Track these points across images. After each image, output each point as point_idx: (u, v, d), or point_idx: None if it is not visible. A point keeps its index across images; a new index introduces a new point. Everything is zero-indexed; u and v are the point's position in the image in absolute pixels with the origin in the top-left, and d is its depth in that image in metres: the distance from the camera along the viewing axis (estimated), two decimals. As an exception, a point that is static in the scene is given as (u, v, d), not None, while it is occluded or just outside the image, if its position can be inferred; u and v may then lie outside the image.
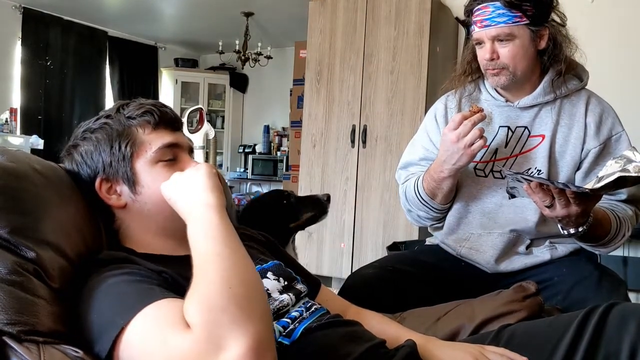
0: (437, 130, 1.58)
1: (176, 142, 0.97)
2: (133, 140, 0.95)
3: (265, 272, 0.99)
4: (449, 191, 1.48)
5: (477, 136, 1.35)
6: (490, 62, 1.43)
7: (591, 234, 1.33)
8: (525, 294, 1.20)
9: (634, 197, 1.46)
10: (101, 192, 0.96)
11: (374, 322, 1.07)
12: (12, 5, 5.54)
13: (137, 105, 0.98)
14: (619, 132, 1.46)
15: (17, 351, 0.74)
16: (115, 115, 0.97)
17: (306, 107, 3.61)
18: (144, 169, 0.94)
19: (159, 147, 0.95)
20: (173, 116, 1.00)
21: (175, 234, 0.97)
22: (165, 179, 0.93)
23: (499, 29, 1.38)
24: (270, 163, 6.72)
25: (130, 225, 0.97)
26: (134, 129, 0.95)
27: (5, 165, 0.86)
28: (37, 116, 5.67)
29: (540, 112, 1.49)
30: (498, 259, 1.49)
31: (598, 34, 2.94)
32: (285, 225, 1.69)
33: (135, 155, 0.94)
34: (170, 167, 0.95)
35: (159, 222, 0.96)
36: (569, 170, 1.46)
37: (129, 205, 0.96)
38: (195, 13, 5.71)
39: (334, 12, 3.50)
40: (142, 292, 0.76)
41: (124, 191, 0.95)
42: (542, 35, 1.42)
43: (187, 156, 0.99)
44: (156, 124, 0.96)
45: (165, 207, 0.93)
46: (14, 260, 0.80)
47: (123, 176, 0.94)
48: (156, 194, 0.93)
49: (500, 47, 1.41)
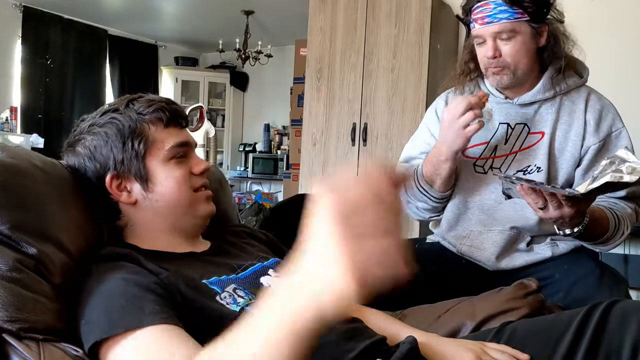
0: (438, 124, 1.57)
1: (186, 141, 0.99)
2: (146, 138, 0.95)
3: (267, 270, 0.99)
4: (448, 177, 1.46)
5: (471, 119, 1.34)
6: (492, 60, 1.41)
7: (588, 233, 1.32)
8: (526, 291, 1.20)
9: (633, 194, 1.46)
10: (111, 189, 0.95)
11: (375, 319, 1.07)
12: (13, 4, 5.54)
13: (148, 101, 0.97)
14: (619, 129, 1.46)
15: (17, 349, 0.74)
16: (124, 110, 0.96)
17: (306, 105, 3.60)
18: (158, 167, 0.95)
19: (172, 145, 0.96)
20: (182, 114, 1.01)
21: (183, 231, 0.98)
22: (177, 175, 0.96)
23: (501, 25, 1.37)
24: (271, 161, 6.73)
25: (138, 222, 0.97)
26: (145, 126, 0.95)
27: (6, 161, 0.86)
28: (37, 115, 5.67)
29: (539, 109, 1.48)
30: (499, 256, 1.49)
31: (597, 30, 2.93)
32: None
33: (148, 152, 0.95)
34: (181, 164, 0.97)
35: (168, 219, 0.97)
36: (569, 167, 1.46)
37: (140, 202, 0.96)
38: (195, 11, 5.70)
39: (334, 10, 3.49)
40: (130, 310, 0.75)
41: (134, 188, 0.95)
42: (542, 32, 1.42)
43: (196, 155, 1.02)
44: (168, 122, 0.97)
45: (176, 204, 0.96)
46: (15, 257, 0.80)
47: (136, 174, 0.94)
48: (169, 190, 0.95)
49: (502, 45, 1.40)
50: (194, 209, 0.98)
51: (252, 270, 0.97)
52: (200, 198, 0.99)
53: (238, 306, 0.86)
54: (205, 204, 1.00)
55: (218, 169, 1.46)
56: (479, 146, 1.51)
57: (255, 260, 1.01)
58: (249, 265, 0.98)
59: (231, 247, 1.05)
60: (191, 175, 0.98)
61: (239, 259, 1.00)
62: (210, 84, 7.13)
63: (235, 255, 1.02)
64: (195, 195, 0.98)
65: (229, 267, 0.96)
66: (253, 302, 0.88)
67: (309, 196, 0.49)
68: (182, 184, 0.96)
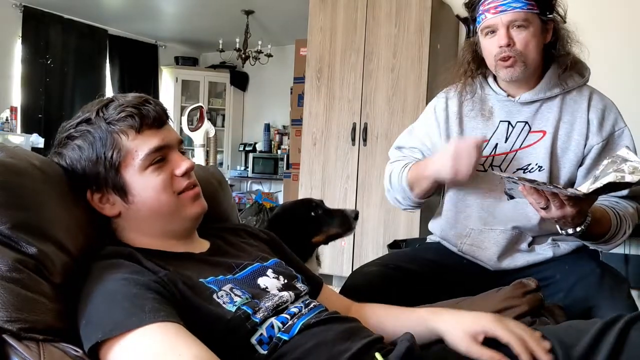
0: (435, 123, 1.59)
1: (163, 144, 0.93)
2: (118, 149, 0.90)
3: (265, 270, 0.99)
4: (424, 192, 1.53)
5: (466, 173, 1.36)
6: (505, 49, 1.39)
7: (590, 232, 1.32)
8: (525, 290, 1.20)
9: (635, 193, 1.45)
10: (93, 202, 0.94)
11: (381, 311, 1.08)
12: (13, 3, 5.54)
13: (117, 108, 0.92)
14: (622, 128, 1.46)
15: (16, 349, 0.74)
16: (95, 120, 0.92)
17: (307, 105, 3.60)
18: (134, 177, 0.91)
19: (146, 153, 0.91)
20: (156, 114, 0.93)
21: (174, 234, 0.97)
22: (156, 183, 0.91)
23: (516, 14, 1.37)
24: (271, 161, 6.72)
25: (127, 228, 0.96)
26: (116, 136, 0.90)
27: (5, 161, 0.86)
28: (37, 115, 5.67)
29: (541, 107, 1.48)
30: (500, 256, 1.49)
31: (599, 29, 2.93)
32: (309, 238, 1.55)
33: (122, 164, 0.91)
34: (160, 169, 0.93)
35: (156, 225, 0.95)
36: (572, 167, 1.46)
37: (123, 213, 0.94)
38: (195, 11, 5.70)
39: (335, 9, 3.49)
40: (131, 311, 0.75)
41: (116, 200, 0.93)
42: (548, 28, 1.43)
43: (177, 154, 0.96)
44: (140, 127, 0.91)
45: (161, 211, 0.93)
46: (15, 257, 0.80)
47: (113, 187, 0.92)
48: (149, 200, 0.92)
49: (516, 34, 1.39)
50: (181, 212, 0.95)
51: (251, 270, 0.97)
52: (186, 200, 0.95)
53: (234, 306, 0.86)
54: (193, 205, 0.97)
55: (218, 169, 1.46)
56: None
57: (254, 260, 1.00)
58: (247, 265, 0.98)
59: (230, 246, 1.05)
60: (174, 178, 0.94)
61: (237, 258, 1.00)
62: (211, 83, 7.13)
63: (234, 254, 1.02)
64: (180, 199, 0.95)
65: (227, 267, 0.96)
66: (249, 302, 0.88)
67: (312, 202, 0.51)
68: (162, 192, 0.92)
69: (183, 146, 0.99)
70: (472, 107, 1.54)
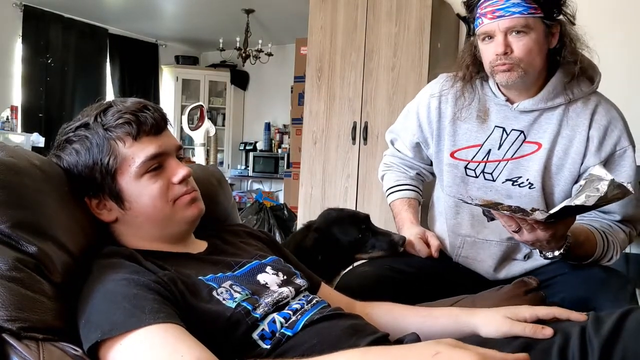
0: (427, 120, 1.53)
1: (160, 152, 0.92)
2: (115, 155, 0.90)
3: (264, 267, 0.99)
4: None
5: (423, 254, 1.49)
6: (502, 57, 1.30)
7: (573, 255, 1.27)
8: (526, 289, 1.20)
9: (630, 218, 1.40)
10: (92, 208, 0.94)
11: (397, 309, 1.08)
12: (13, 3, 5.54)
13: (115, 114, 0.91)
14: (624, 148, 1.36)
15: (16, 348, 0.74)
16: (93, 125, 0.92)
17: (307, 104, 3.60)
18: (130, 184, 0.91)
19: (142, 160, 0.91)
20: (154, 120, 0.93)
21: (171, 237, 0.97)
22: (151, 191, 0.91)
23: (514, 20, 1.26)
24: (271, 160, 6.72)
25: (124, 234, 0.96)
26: (113, 143, 0.90)
27: (5, 160, 0.86)
28: (37, 114, 5.67)
29: (540, 117, 1.39)
30: (496, 268, 1.47)
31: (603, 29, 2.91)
32: (353, 253, 1.49)
33: (118, 171, 0.91)
34: (157, 176, 0.92)
35: (153, 230, 0.95)
36: (567, 185, 1.38)
37: (120, 219, 0.94)
38: (195, 10, 5.70)
39: (335, 8, 3.49)
40: (131, 311, 0.75)
41: (113, 206, 0.93)
42: (554, 32, 1.33)
43: (174, 161, 0.95)
44: (137, 134, 0.91)
45: (156, 218, 0.93)
46: (15, 256, 0.80)
47: (109, 193, 0.92)
48: (144, 208, 0.92)
49: (514, 41, 1.29)
50: (177, 217, 0.95)
51: (249, 267, 0.97)
52: (181, 206, 0.95)
53: (234, 302, 0.86)
54: (189, 209, 0.96)
55: (217, 168, 1.45)
56: (472, 148, 1.44)
57: (253, 258, 1.01)
58: (246, 262, 0.98)
59: (229, 246, 1.05)
60: (171, 185, 0.94)
61: (236, 257, 1.00)
62: (211, 82, 7.13)
63: (233, 253, 1.02)
64: (175, 205, 0.94)
65: (226, 265, 0.96)
66: (249, 298, 0.88)
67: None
68: (158, 200, 0.92)
69: (182, 152, 0.99)
70: (468, 108, 1.46)
